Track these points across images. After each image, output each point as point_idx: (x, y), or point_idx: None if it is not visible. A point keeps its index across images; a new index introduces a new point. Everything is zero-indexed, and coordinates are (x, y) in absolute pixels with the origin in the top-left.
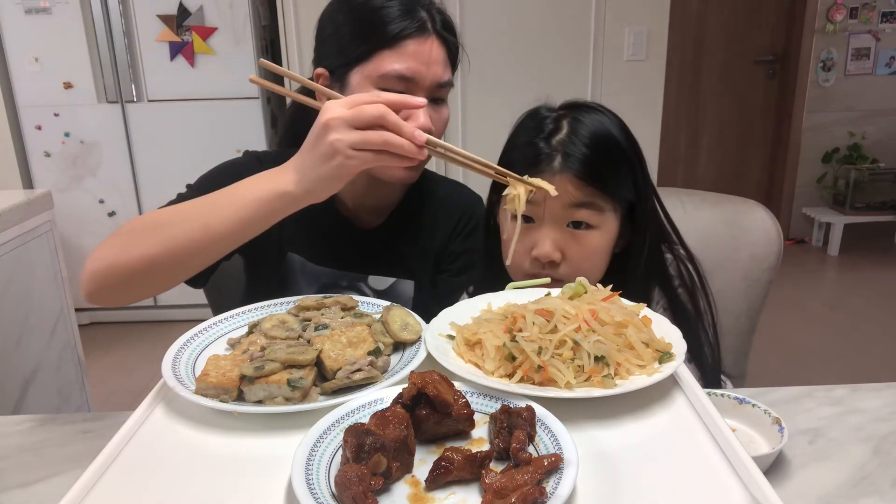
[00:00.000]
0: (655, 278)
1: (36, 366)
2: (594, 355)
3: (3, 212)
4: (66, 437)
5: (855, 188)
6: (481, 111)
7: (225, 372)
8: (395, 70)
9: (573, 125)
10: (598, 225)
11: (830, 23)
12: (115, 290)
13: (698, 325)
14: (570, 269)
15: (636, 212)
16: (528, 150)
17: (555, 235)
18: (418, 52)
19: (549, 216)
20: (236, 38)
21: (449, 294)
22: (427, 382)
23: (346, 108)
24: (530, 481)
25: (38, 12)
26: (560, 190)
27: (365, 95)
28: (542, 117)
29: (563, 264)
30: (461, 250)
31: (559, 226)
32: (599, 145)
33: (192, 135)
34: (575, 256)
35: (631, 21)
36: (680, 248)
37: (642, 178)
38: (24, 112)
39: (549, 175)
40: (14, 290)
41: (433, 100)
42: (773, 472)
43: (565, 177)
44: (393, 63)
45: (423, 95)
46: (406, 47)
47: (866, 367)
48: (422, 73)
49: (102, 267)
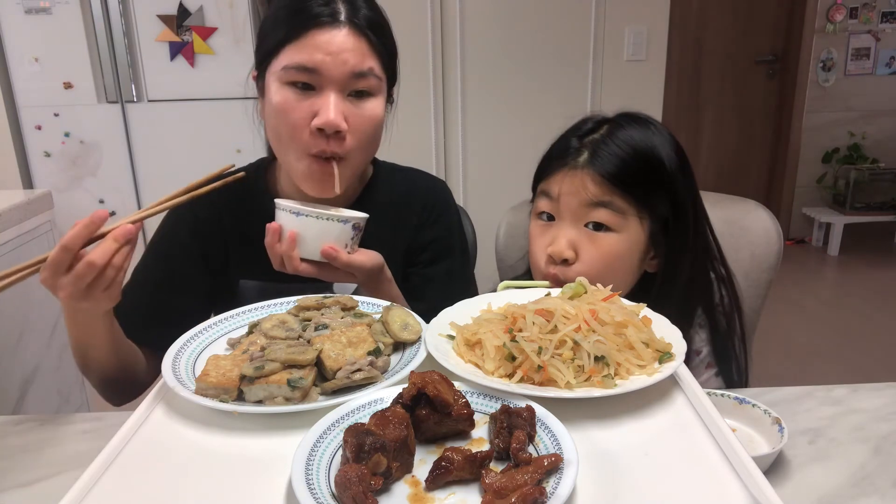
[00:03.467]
0: (699, 301)
1: (36, 366)
2: (594, 355)
3: (3, 212)
4: (66, 437)
5: (855, 188)
6: (481, 111)
7: (225, 372)
8: (294, 62)
9: (612, 129)
10: (617, 228)
11: (830, 23)
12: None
13: (729, 343)
14: (584, 269)
15: (671, 232)
16: (562, 143)
17: (571, 234)
18: (324, 43)
19: (567, 214)
20: (236, 38)
21: (422, 287)
22: (427, 382)
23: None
24: (530, 481)
25: (38, 12)
26: (579, 186)
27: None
28: (589, 118)
29: (578, 264)
30: (430, 240)
31: (577, 225)
32: (634, 152)
33: (192, 135)
34: (589, 257)
35: (631, 21)
36: (721, 267)
37: (686, 199)
38: (24, 112)
39: (572, 169)
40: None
41: (355, 93)
42: (773, 472)
43: (586, 173)
44: (295, 55)
45: (336, 88)
46: (310, 39)
47: (866, 367)
48: (326, 63)
49: (95, 385)
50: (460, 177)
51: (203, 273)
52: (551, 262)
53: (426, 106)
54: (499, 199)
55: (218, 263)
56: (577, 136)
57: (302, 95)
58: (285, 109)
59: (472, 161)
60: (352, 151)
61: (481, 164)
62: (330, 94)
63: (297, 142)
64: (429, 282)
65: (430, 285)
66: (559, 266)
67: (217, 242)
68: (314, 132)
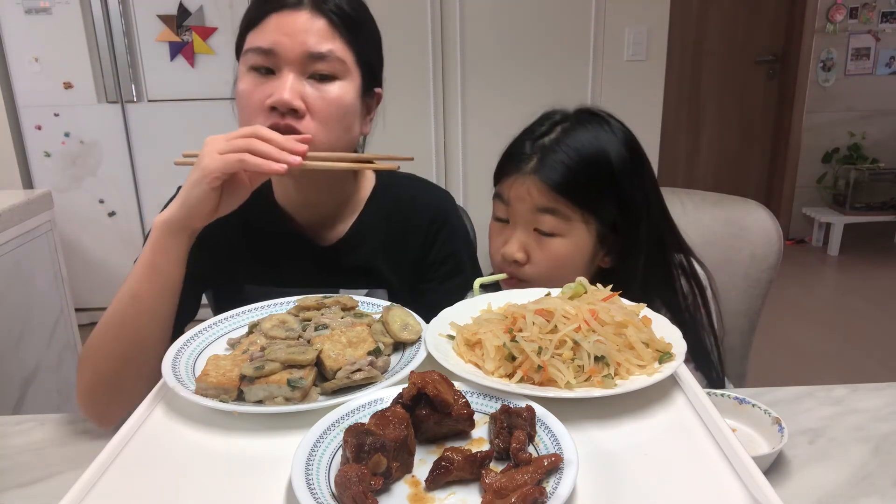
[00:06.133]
0: (657, 294)
1: (36, 366)
2: (594, 355)
3: (3, 212)
4: (66, 437)
5: (855, 188)
6: (481, 111)
7: (225, 372)
8: (254, 45)
9: (564, 132)
10: (563, 233)
11: (830, 23)
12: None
13: (701, 337)
14: (535, 270)
15: (620, 230)
16: (517, 145)
17: (522, 237)
18: (281, 25)
19: (518, 218)
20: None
21: (440, 303)
22: (427, 382)
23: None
24: (530, 481)
25: (38, 12)
26: (526, 193)
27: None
28: (545, 118)
29: (529, 265)
30: (444, 256)
31: (527, 228)
32: (580, 158)
33: (192, 135)
34: (538, 259)
35: (631, 21)
36: (685, 259)
37: (636, 197)
38: (24, 112)
39: (520, 175)
40: (14, 290)
41: (317, 77)
42: (773, 472)
43: (533, 180)
44: (254, 39)
45: (293, 70)
46: (270, 22)
47: (866, 367)
48: (283, 44)
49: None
50: (460, 177)
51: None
52: (505, 262)
53: (426, 106)
54: None
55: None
56: (531, 139)
57: (263, 79)
58: (246, 93)
59: (472, 161)
60: (315, 133)
61: (481, 163)
62: (287, 75)
63: (254, 123)
64: (446, 297)
65: (447, 301)
66: (512, 266)
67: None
68: (268, 111)
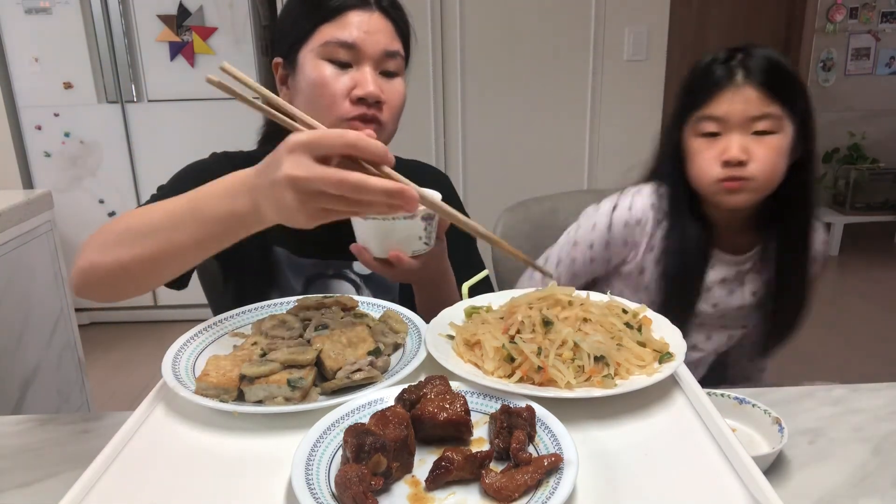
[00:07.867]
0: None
1: (36, 366)
2: (594, 355)
3: (3, 212)
4: (66, 437)
5: (855, 188)
6: (481, 111)
7: (225, 372)
8: (335, 38)
9: (747, 50)
10: (778, 130)
11: (830, 23)
12: (98, 289)
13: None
14: (758, 167)
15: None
16: (708, 75)
17: (740, 140)
18: (360, 23)
19: (733, 127)
20: (236, 38)
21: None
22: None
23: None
24: (530, 481)
25: (38, 12)
26: (742, 102)
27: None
28: (713, 54)
29: (752, 164)
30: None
31: (744, 133)
32: (778, 62)
33: (192, 135)
34: (762, 156)
35: (631, 21)
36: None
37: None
38: (24, 112)
39: (732, 87)
40: (14, 290)
41: (385, 73)
42: (773, 472)
43: (748, 87)
44: (334, 32)
45: (371, 66)
46: (347, 18)
47: (866, 367)
48: (364, 40)
49: (86, 266)
50: (460, 176)
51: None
52: (726, 167)
53: (426, 105)
54: (499, 198)
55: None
56: (720, 63)
57: (340, 70)
58: (325, 82)
59: (472, 160)
60: (386, 122)
61: (481, 163)
62: (367, 68)
63: (337, 111)
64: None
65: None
66: (735, 168)
67: None
68: (355, 101)
